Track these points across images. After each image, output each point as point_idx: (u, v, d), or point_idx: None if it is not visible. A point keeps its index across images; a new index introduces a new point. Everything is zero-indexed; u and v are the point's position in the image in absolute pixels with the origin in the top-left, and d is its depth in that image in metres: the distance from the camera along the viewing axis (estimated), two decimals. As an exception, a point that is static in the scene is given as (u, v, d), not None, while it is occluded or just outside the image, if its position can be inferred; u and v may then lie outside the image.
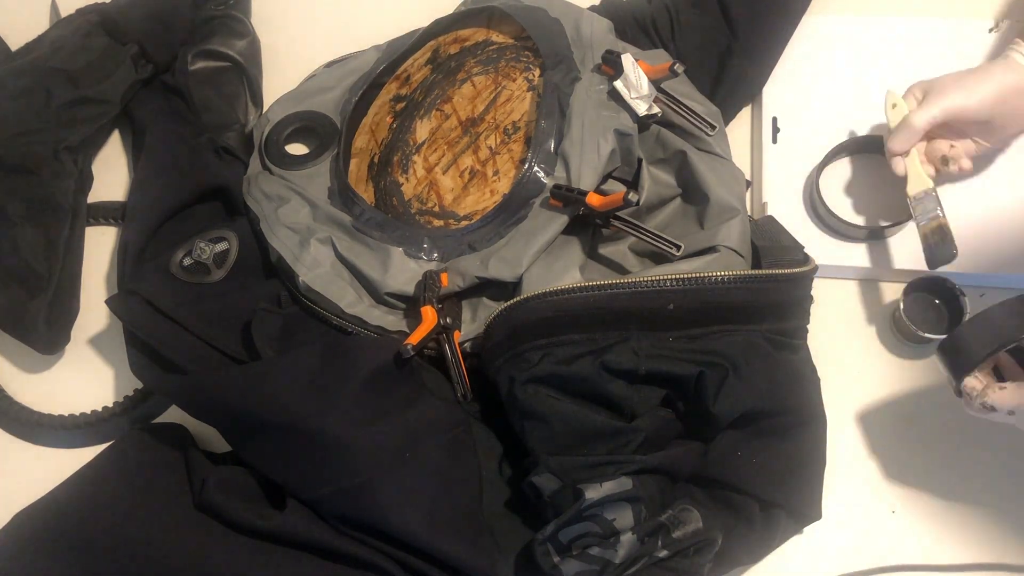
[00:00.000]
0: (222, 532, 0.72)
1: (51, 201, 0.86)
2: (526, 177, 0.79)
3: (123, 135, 0.98)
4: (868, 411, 0.83)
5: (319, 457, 0.71)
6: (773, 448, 0.73)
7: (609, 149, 0.78)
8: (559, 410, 0.70)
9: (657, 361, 0.71)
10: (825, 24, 0.94)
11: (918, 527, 0.79)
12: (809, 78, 0.93)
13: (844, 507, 0.79)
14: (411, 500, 0.70)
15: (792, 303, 0.75)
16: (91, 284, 0.91)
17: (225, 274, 0.84)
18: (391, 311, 0.81)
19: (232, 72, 0.96)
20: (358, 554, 0.70)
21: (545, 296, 0.73)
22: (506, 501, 0.75)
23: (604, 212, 0.75)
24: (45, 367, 0.89)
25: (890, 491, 0.80)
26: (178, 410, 0.82)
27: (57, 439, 0.85)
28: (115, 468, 0.78)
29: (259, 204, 0.87)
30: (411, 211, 0.85)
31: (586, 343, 0.72)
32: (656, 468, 0.70)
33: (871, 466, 0.81)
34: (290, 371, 0.73)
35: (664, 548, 0.67)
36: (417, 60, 0.93)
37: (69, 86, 0.88)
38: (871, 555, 0.78)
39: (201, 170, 0.89)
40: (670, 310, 0.72)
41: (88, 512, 0.73)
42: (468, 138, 0.85)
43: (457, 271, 0.78)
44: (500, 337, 0.74)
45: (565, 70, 0.82)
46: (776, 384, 0.72)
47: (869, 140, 0.89)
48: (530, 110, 0.83)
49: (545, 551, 0.67)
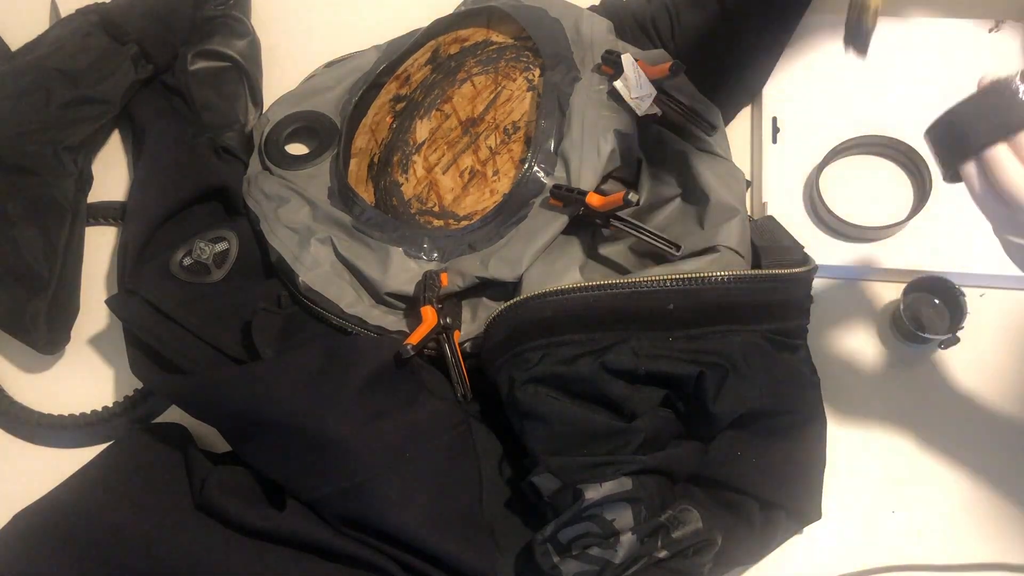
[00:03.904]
0: (222, 532, 0.72)
1: (51, 201, 0.86)
2: (526, 177, 0.79)
3: (123, 135, 0.98)
4: (868, 411, 0.83)
5: (319, 457, 0.71)
6: (773, 448, 0.73)
7: (609, 149, 0.78)
8: (559, 410, 0.70)
9: (657, 361, 0.71)
10: (825, 24, 0.94)
11: (918, 527, 0.79)
12: (809, 78, 0.93)
13: (844, 507, 0.79)
14: (411, 500, 0.70)
15: (792, 303, 0.75)
16: (91, 284, 0.91)
17: (225, 274, 0.84)
18: (391, 311, 0.81)
19: (232, 72, 0.95)
20: (358, 554, 0.70)
21: (545, 296, 0.73)
22: (506, 501, 0.75)
23: (604, 212, 0.75)
24: (45, 367, 0.89)
25: (890, 491, 0.80)
26: (178, 410, 0.82)
27: (57, 439, 0.85)
28: (115, 468, 0.78)
29: (259, 204, 0.87)
30: (411, 211, 0.85)
31: (586, 343, 0.72)
32: (656, 468, 0.70)
33: (871, 466, 0.81)
34: (290, 371, 0.73)
35: (664, 548, 0.67)
36: (417, 60, 0.93)
37: (69, 86, 0.88)
38: (871, 555, 0.78)
39: (201, 170, 0.89)
40: (670, 310, 0.72)
41: (88, 512, 0.73)
42: (468, 138, 0.85)
43: (457, 271, 0.78)
44: (500, 337, 0.74)
45: (565, 70, 0.82)
46: (776, 384, 0.72)
47: (869, 140, 0.89)
48: (530, 110, 0.83)
49: (545, 551, 0.67)
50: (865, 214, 0.87)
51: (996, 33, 0.93)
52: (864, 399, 0.83)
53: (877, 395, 0.83)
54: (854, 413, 0.82)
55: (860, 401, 0.83)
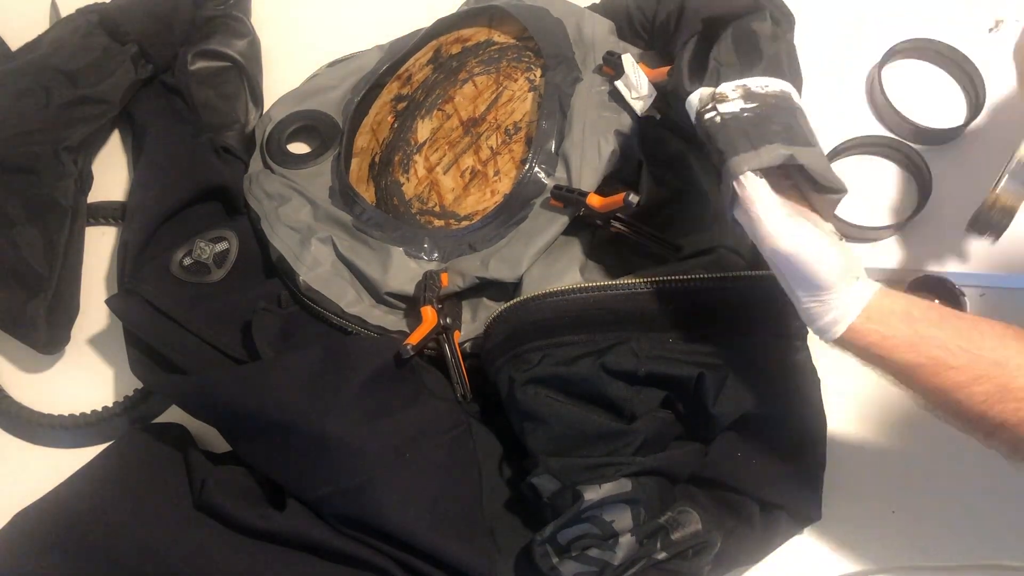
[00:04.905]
0: (222, 532, 0.72)
1: (51, 201, 0.86)
2: (527, 177, 0.79)
3: (123, 135, 0.98)
4: (868, 411, 0.83)
5: (319, 457, 0.71)
6: (773, 449, 0.73)
7: (610, 150, 0.78)
8: (559, 411, 0.70)
9: (657, 362, 0.71)
10: (824, 23, 0.94)
11: (918, 527, 0.79)
12: (809, 78, 0.92)
13: (844, 507, 0.79)
14: (411, 500, 0.70)
15: (792, 304, 0.75)
16: (91, 284, 0.91)
17: (225, 274, 0.84)
18: (391, 311, 0.81)
19: (232, 72, 0.95)
20: (358, 554, 0.70)
21: (545, 297, 0.73)
22: (506, 501, 0.75)
23: (604, 213, 0.75)
24: (45, 367, 0.89)
25: (890, 491, 0.80)
26: (178, 410, 0.82)
27: (57, 439, 0.85)
28: (115, 468, 0.78)
29: (260, 203, 0.87)
30: (412, 211, 0.85)
31: (586, 344, 0.72)
32: (655, 470, 0.70)
33: (871, 466, 0.81)
34: (290, 371, 0.73)
35: (663, 550, 0.67)
36: (419, 60, 0.93)
37: (69, 86, 0.88)
38: (871, 555, 0.78)
39: (201, 170, 0.88)
40: (670, 311, 0.72)
41: (88, 512, 0.73)
42: (469, 138, 0.85)
43: (457, 271, 0.78)
44: (500, 338, 0.74)
45: (566, 70, 0.82)
46: (776, 385, 0.72)
47: (869, 140, 0.89)
48: (531, 110, 0.83)
49: (544, 552, 0.68)
50: (865, 214, 0.87)
51: (995, 33, 0.93)
52: (864, 399, 0.83)
53: (877, 395, 0.83)
54: (854, 413, 0.82)
55: (860, 401, 0.83)
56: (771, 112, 0.63)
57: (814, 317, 0.62)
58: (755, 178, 0.60)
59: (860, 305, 0.61)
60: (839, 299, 0.60)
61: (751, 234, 0.62)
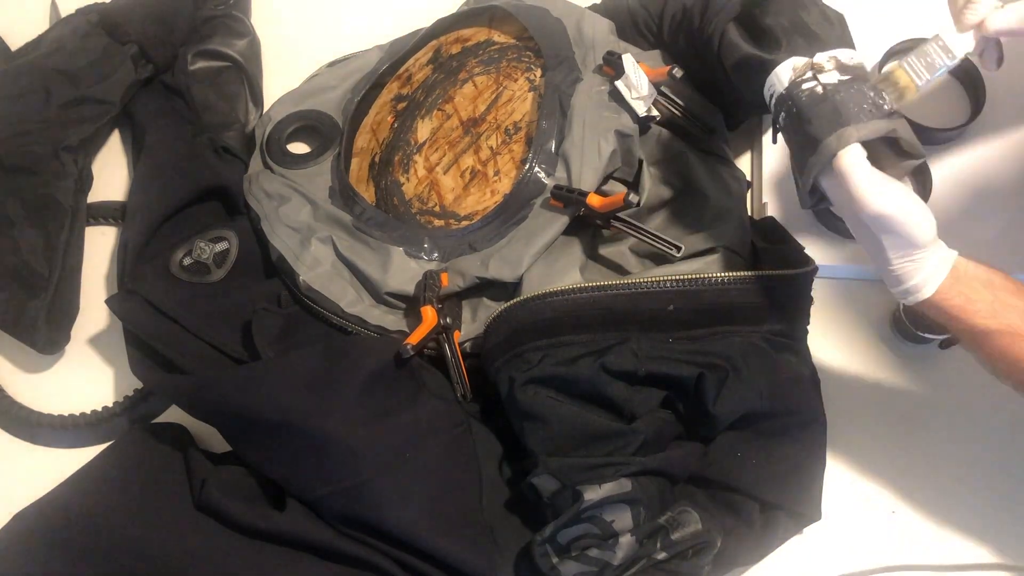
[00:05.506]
0: (222, 532, 0.72)
1: (51, 201, 0.86)
2: (527, 177, 0.79)
3: (123, 135, 0.98)
4: (868, 411, 0.83)
5: (319, 457, 0.71)
6: (773, 449, 0.73)
7: (610, 150, 0.78)
8: (559, 411, 0.70)
9: (657, 363, 0.71)
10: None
11: (918, 527, 0.79)
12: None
13: (844, 507, 0.79)
14: (411, 500, 0.70)
15: (792, 303, 0.75)
16: (91, 284, 0.91)
17: (225, 274, 0.84)
18: (391, 311, 0.81)
19: (232, 72, 0.95)
20: (358, 554, 0.70)
21: (545, 297, 0.73)
22: (506, 501, 0.75)
23: (604, 213, 0.75)
24: (45, 367, 0.89)
25: (890, 491, 0.80)
26: (178, 410, 0.82)
27: (57, 439, 0.85)
28: (115, 468, 0.78)
29: (260, 203, 0.87)
30: (412, 211, 0.85)
31: (586, 344, 0.72)
32: (655, 470, 0.70)
33: (871, 466, 0.81)
34: (290, 371, 0.73)
35: (663, 550, 0.67)
36: (419, 60, 0.93)
37: (69, 86, 0.88)
38: (871, 555, 0.78)
39: (201, 170, 0.89)
40: (670, 311, 0.72)
41: (88, 512, 0.73)
42: (469, 138, 0.85)
43: (457, 271, 0.78)
44: (500, 337, 0.74)
45: (566, 70, 0.82)
46: (776, 385, 0.72)
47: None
48: (531, 110, 0.83)
49: (544, 552, 0.68)
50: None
51: None
52: (864, 399, 0.83)
53: (877, 395, 0.83)
54: (854, 413, 0.82)
55: (860, 401, 0.83)
56: (861, 84, 0.65)
57: (904, 278, 0.63)
58: (859, 148, 0.62)
59: (948, 265, 0.63)
60: (930, 259, 0.62)
61: (844, 202, 0.63)
